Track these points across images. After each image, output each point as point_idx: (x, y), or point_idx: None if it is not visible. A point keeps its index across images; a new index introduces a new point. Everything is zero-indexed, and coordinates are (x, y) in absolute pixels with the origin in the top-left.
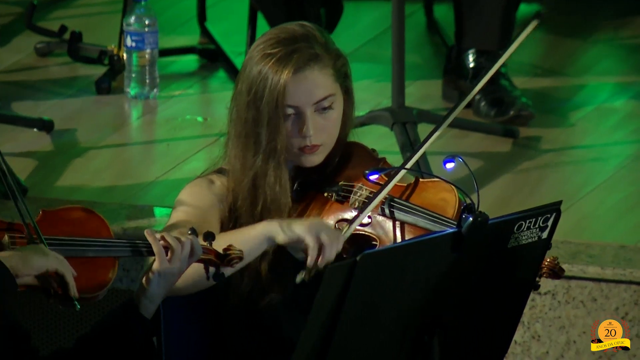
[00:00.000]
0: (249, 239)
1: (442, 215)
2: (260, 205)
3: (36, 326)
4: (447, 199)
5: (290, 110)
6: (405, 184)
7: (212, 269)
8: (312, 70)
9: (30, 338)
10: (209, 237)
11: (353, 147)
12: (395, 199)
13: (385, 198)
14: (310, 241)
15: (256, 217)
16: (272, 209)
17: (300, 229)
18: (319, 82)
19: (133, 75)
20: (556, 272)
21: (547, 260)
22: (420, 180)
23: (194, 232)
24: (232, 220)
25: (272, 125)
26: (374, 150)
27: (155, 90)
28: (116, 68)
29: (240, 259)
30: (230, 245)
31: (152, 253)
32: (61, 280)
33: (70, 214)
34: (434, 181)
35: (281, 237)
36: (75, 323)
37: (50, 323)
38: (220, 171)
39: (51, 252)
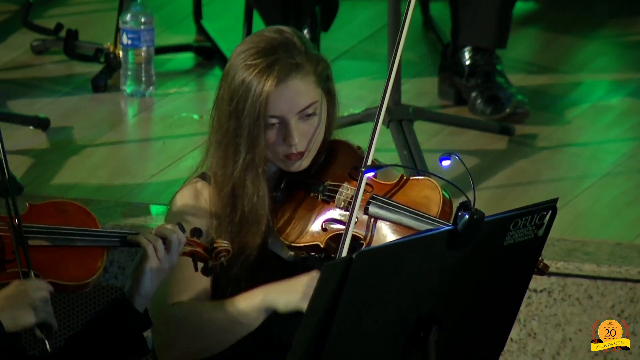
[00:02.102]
0: (249, 310)
1: (425, 214)
2: (239, 215)
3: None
4: (431, 197)
5: (273, 120)
6: (390, 183)
7: (200, 264)
8: (294, 80)
9: (20, 335)
10: (197, 232)
11: (338, 145)
12: (379, 198)
13: (369, 197)
14: None
15: (235, 226)
16: (250, 218)
17: (296, 299)
18: (301, 91)
19: (129, 73)
20: (540, 269)
21: None
22: (405, 178)
23: (181, 227)
24: (213, 226)
25: (251, 137)
26: (359, 148)
27: (151, 88)
28: (112, 66)
29: (228, 252)
30: (217, 240)
31: (138, 244)
32: (46, 326)
33: (57, 207)
34: (419, 179)
35: (281, 309)
36: (66, 320)
37: None
38: (203, 177)
39: (38, 303)
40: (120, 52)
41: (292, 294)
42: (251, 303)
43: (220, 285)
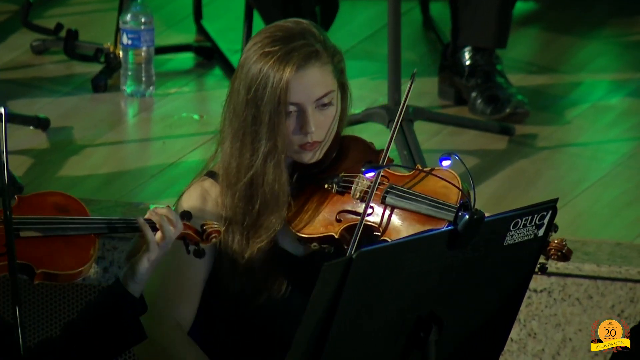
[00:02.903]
0: None
1: (445, 202)
2: (258, 203)
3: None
4: (450, 186)
5: (291, 108)
6: (407, 174)
7: (192, 246)
8: (313, 67)
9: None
10: (186, 215)
11: (350, 140)
12: (397, 187)
13: (386, 187)
14: None
15: (253, 216)
16: (270, 207)
17: None
18: (319, 79)
19: (129, 73)
20: (564, 254)
21: (555, 241)
22: (422, 169)
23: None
24: (226, 221)
25: (272, 123)
26: (371, 143)
27: (151, 88)
28: (112, 66)
29: (219, 232)
30: (207, 221)
31: (130, 230)
32: None
33: (46, 198)
34: (437, 169)
35: None
36: (64, 319)
37: (35, 316)
38: (211, 175)
39: None
40: (121, 52)
41: None
42: None
43: (230, 277)
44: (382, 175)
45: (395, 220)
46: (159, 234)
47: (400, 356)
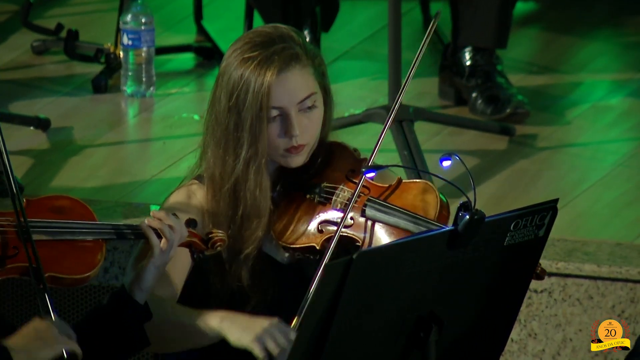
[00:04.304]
0: (205, 328)
1: (423, 217)
2: (241, 209)
3: (24, 320)
4: (428, 200)
5: (275, 112)
6: (387, 185)
7: (196, 254)
8: (293, 69)
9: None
10: (192, 223)
11: (335, 147)
12: (376, 200)
13: (366, 199)
14: (258, 352)
15: (237, 222)
16: (252, 213)
17: (249, 338)
18: (301, 81)
19: (129, 73)
20: (538, 274)
21: None
22: (402, 181)
23: (176, 216)
24: (206, 224)
25: (253, 129)
26: (355, 150)
27: (151, 88)
28: (113, 66)
29: (224, 241)
30: (212, 229)
31: (138, 237)
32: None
33: (54, 202)
34: (415, 182)
35: (232, 342)
36: (60, 313)
37: (34, 315)
38: (199, 178)
39: (58, 334)
40: (121, 53)
41: (246, 332)
42: (208, 323)
43: (220, 283)
44: (362, 186)
45: (375, 232)
46: (163, 239)
47: (400, 356)
